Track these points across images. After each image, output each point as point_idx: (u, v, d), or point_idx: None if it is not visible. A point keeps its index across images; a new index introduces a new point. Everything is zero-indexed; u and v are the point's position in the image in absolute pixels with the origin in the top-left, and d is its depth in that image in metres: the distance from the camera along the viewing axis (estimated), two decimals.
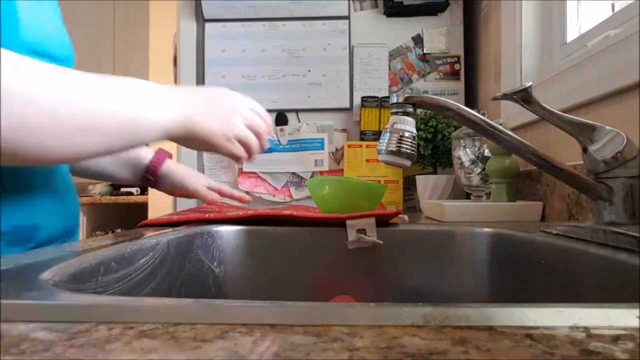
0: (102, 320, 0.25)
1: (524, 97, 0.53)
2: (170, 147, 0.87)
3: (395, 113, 0.48)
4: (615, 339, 0.22)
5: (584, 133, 0.53)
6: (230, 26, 1.60)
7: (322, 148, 1.58)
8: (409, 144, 0.47)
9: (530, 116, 1.05)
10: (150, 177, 0.91)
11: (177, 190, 0.93)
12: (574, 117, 0.54)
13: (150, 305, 0.27)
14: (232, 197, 1.01)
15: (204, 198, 0.96)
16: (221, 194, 0.99)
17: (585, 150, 0.53)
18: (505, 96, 0.53)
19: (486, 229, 0.73)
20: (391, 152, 0.47)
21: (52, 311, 0.26)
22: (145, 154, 0.91)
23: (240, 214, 0.79)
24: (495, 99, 0.55)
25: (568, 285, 0.52)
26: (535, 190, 0.98)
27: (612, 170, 0.51)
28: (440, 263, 0.75)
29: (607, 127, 0.52)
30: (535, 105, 0.53)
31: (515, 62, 1.17)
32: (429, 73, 1.58)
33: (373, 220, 0.71)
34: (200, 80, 1.60)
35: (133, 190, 3.31)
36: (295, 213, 0.77)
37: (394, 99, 0.49)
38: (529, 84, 0.53)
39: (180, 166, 0.95)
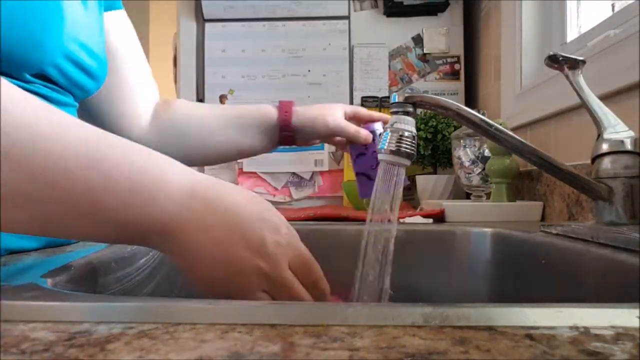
0: (102, 320, 0.25)
1: (573, 64, 0.56)
2: None
3: (395, 112, 0.48)
4: (615, 339, 0.22)
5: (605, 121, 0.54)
6: (230, 26, 1.60)
7: (322, 148, 1.58)
8: (409, 143, 0.47)
9: (530, 116, 1.05)
10: (286, 132, 0.73)
11: (319, 133, 0.72)
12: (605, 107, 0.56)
13: (150, 305, 0.27)
14: (372, 120, 0.76)
15: (354, 138, 0.72)
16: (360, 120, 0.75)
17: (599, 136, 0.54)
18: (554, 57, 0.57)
19: (486, 229, 0.73)
20: (391, 152, 0.47)
21: (52, 311, 0.26)
22: (268, 110, 0.74)
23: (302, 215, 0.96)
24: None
25: (568, 285, 0.52)
26: (535, 190, 0.98)
27: (613, 169, 0.51)
28: (440, 263, 0.75)
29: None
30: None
31: (515, 62, 1.17)
32: (429, 73, 1.58)
33: (419, 217, 0.93)
34: (201, 80, 1.60)
35: None
36: (352, 215, 0.95)
37: (394, 99, 0.49)
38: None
39: (309, 106, 0.75)
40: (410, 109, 0.48)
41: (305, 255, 0.36)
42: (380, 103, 1.56)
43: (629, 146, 0.52)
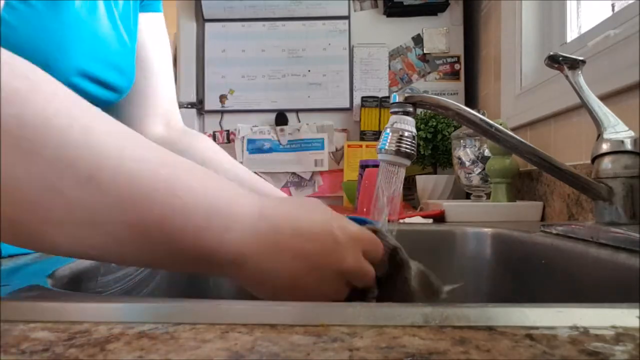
0: (102, 320, 0.25)
1: (573, 64, 0.56)
2: None
3: (395, 112, 0.48)
4: (615, 339, 0.22)
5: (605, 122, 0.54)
6: (230, 26, 1.60)
7: (322, 148, 1.58)
8: (409, 143, 0.47)
9: (530, 116, 1.05)
10: None
11: None
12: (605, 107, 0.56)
13: (150, 305, 0.27)
14: None
15: None
16: None
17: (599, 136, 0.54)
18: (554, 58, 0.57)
19: (486, 229, 0.73)
20: (391, 152, 0.47)
21: (52, 311, 0.26)
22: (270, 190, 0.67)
23: None
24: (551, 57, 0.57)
25: (568, 285, 0.52)
26: (535, 190, 0.98)
27: (613, 168, 0.51)
28: (440, 263, 0.75)
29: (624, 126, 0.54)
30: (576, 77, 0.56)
31: (515, 62, 1.17)
32: (429, 73, 1.58)
33: (419, 217, 0.91)
34: (201, 80, 1.60)
35: None
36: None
37: (394, 99, 0.49)
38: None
39: None
40: (410, 109, 0.48)
41: (372, 240, 0.36)
42: (380, 103, 1.56)
43: (629, 146, 0.52)
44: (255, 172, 1.60)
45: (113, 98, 0.61)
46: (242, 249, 0.31)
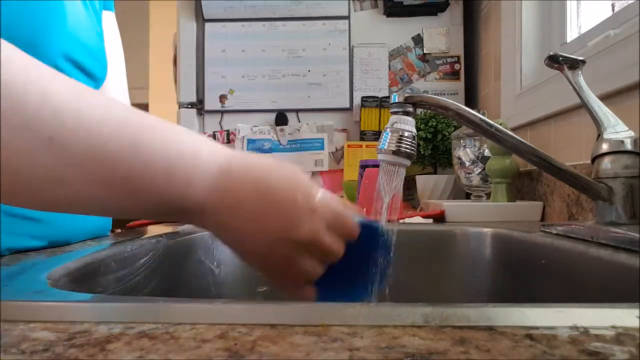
0: (102, 320, 0.25)
1: (573, 64, 0.56)
2: None
3: (395, 112, 0.48)
4: (615, 339, 0.22)
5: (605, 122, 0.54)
6: (230, 26, 1.60)
7: (322, 148, 1.58)
8: (409, 143, 0.47)
9: (530, 116, 1.05)
10: None
11: None
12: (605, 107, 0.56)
13: (150, 305, 0.27)
14: None
15: None
16: None
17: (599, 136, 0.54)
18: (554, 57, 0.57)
19: (486, 229, 0.73)
20: (391, 152, 0.47)
21: (52, 311, 0.26)
22: None
23: None
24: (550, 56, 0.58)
25: (568, 285, 0.52)
26: (535, 190, 0.98)
27: (613, 168, 0.51)
28: (440, 263, 0.75)
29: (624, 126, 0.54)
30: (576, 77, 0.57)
31: (515, 62, 1.17)
32: (429, 73, 1.58)
33: (419, 217, 0.92)
34: (200, 80, 1.60)
35: None
36: None
37: (394, 99, 0.49)
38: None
39: None
40: (410, 109, 0.48)
41: (340, 214, 0.35)
42: (380, 103, 1.56)
43: (629, 146, 0.52)
44: None
45: (92, 87, 0.61)
46: (203, 200, 0.33)
